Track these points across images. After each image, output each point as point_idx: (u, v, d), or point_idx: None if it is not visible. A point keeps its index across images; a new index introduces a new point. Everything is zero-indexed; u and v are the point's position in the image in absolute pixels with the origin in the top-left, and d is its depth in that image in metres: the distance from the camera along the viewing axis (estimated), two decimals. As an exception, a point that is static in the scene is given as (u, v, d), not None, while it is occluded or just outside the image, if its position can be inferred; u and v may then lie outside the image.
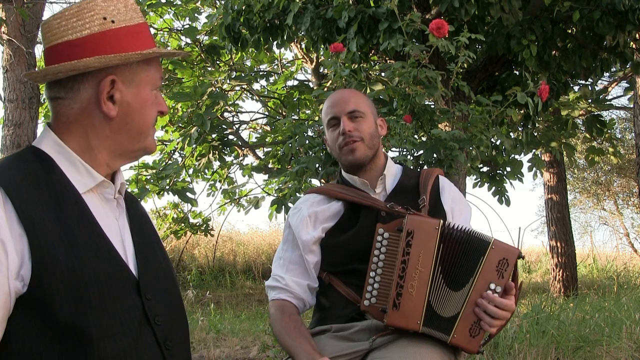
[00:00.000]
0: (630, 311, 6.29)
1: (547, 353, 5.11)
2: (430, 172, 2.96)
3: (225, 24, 7.99)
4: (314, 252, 2.82)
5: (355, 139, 2.82)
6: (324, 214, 2.86)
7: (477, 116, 5.89)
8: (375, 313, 2.59)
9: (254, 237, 18.21)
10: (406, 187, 2.88)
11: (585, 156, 12.66)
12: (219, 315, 9.55)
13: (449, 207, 2.88)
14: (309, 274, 2.83)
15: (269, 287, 2.90)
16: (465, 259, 2.54)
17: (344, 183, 2.95)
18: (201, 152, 11.44)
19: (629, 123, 18.03)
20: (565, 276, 14.06)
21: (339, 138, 2.85)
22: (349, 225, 2.79)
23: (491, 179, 7.42)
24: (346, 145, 2.83)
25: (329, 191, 2.92)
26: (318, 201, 2.92)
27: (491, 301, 2.48)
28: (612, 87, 15.42)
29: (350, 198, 2.83)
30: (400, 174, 2.94)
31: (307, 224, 2.86)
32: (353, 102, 2.87)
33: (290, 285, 2.82)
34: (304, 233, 2.84)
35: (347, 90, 3.07)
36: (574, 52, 7.44)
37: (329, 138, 2.94)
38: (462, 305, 2.52)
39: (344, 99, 2.89)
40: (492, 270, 2.50)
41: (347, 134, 2.82)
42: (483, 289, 2.51)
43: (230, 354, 6.56)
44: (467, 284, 2.52)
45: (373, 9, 6.92)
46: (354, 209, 2.82)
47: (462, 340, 2.54)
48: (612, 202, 22.04)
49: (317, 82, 13.19)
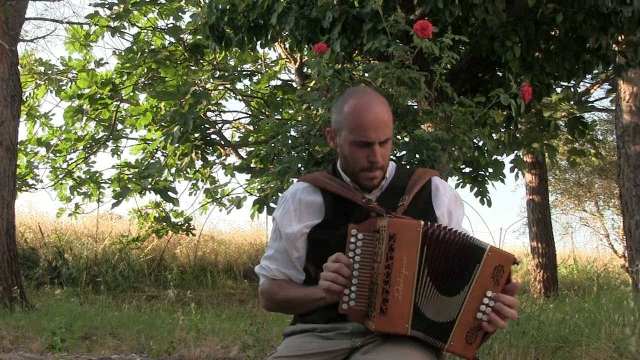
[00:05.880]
0: (609, 312, 6.30)
1: (527, 353, 5.12)
2: (422, 174, 2.92)
3: (209, 23, 7.98)
4: (297, 248, 2.81)
5: (380, 167, 2.78)
6: (308, 208, 2.85)
7: (459, 117, 5.90)
8: (355, 316, 2.58)
9: (235, 237, 18.19)
10: (396, 188, 2.85)
11: (567, 157, 12.74)
12: (200, 315, 9.53)
13: (445, 209, 2.86)
14: (294, 266, 2.84)
15: (258, 274, 2.96)
16: (458, 264, 2.51)
17: (335, 176, 2.91)
18: (184, 152, 11.44)
19: (611, 125, 18.11)
20: (546, 277, 14.14)
21: (365, 161, 2.74)
22: (337, 223, 2.77)
23: (473, 179, 7.45)
24: (370, 172, 2.78)
25: (315, 179, 2.90)
26: (303, 189, 2.90)
27: (498, 299, 2.48)
28: (594, 89, 15.51)
29: (333, 189, 2.81)
30: (393, 174, 2.92)
31: (292, 218, 2.84)
32: (388, 127, 2.73)
33: (277, 275, 2.86)
34: (287, 227, 2.84)
35: (381, 108, 2.77)
36: (557, 54, 7.46)
37: (349, 151, 2.77)
38: (459, 312, 2.49)
39: (382, 123, 2.72)
40: (488, 277, 2.48)
41: (377, 164, 2.74)
42: (480, 296, 2.48)
43: (210, 354, 6.55)
44: (462, 290, 2.49)
45: (357, 10, 6.92)
46: (341, 206, 2.80)
47: (459, 348, 2.52)
48: (593, 204, 22.13)
49: (300, 82, 13.20)
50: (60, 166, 14.23)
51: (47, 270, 13.63)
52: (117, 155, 14.48)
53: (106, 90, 12.97)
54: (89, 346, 6.98)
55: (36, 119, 14.29)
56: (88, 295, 12.56)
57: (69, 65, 14.21)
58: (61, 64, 14.38)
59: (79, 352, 6.68)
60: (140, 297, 12.76)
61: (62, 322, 7.17)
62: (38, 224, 15.85)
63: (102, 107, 13.42)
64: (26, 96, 13.71)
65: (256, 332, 6.88)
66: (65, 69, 14.33)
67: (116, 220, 18.24)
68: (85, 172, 14.43)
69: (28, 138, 14.21)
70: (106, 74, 13.73)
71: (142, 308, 10.95)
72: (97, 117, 13.96)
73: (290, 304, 2.82)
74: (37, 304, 10.18)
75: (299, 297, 2.77)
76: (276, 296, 2.86)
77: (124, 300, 11.82)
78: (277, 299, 2.87)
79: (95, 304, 11.03)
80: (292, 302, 2.81)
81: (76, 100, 13.32)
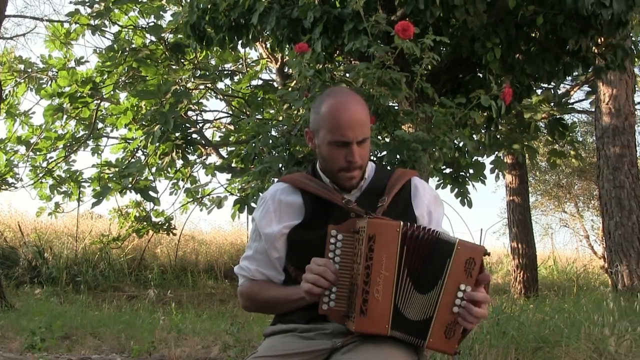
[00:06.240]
0: (589, 312, 6.35)
1: (507, 354, 5.14)
2: (402, 174, 2.92)
3: (190, 22, 7.96)
4: (277, 248, 2.80)
5: (358, 166, 2.77)
6: (288, 209, 2.84)
7: (440, 118, 5.92)
8: (335, 317, 2.58)
9: (216, 237, 18.16)
10: (376, 188, 2.84)
11: (547, 159, 12.82)
12: (181, 315, 9.52)
13: (425, 209, 2.86)
14: (274, 266, 2.84)
15: (237, 274, 2.95)
16: (432, 261, 2.52)
17: (315, 176, 2.90)
18: (164, 151, 11.42)
19: (590, 127, 18.20)
20: (526, 277, 14.19)
21: (343, 161, 2.73)
22: (317, 223, 2.76)
23: (454, 180, 7.46)
24: (348, 172, 2.78)
25: (295, 180, 2.89)
26: (283, 190, 2.89)
27: (469, 298, 2.49)
28: (574, 91, 15.61)
29: (313, 190, 2.80)
30: (372, 174, 2.91)
31: (271, 218, 2.84)
32: (365, 126, 2.73)
33: (257, 276, 2.86)
34: (266, 227, 2.83)
35: (358, 107, 2.77)
36: (537, 55, 7.49)
37: (327, 151, 2.77)
38: (435, 308, 2.51)
39: (359, 122, 2.72)
40: (460, 271, 2.50)
41: (355, 163, 2.74)
42: (454, 290, 2.50)
43: (191, 354, 6.54)
44: (435, 286, 2.50)
45: (338, 10, 6.92)
46: (321, 206, 2.80)
47: (439, 344, 2.53)
48: (573, 205, 22.22)
49: (281, 82, 13.19)
50: (40, 165, 14.17)
51: (27, 269, 13.56)
52: (97, 154, 14.41)
53: (86, 88, 12.91)
54: (69, 346, 6.94)
55: (16, 117, 14.20)
56: (68, 294, 12.49)
57: (49, 64, 14.14)
58: (41, 62, 14.31)
59: (58, 352, 6.64)
60: (120, 297, 12.71)
61: (42, 321, 7.14)
62: (18, 223, 15.74)
63: (82, 105, 13.35)
64: (6, 94, 13.61)
65: (237, 332, 6.87)
66: (45, 67, 14.25)
67: (96, 219, 18.15)
68: (66, 171, 14.36)
69: (8, 136, 14.14)
70: (87, 72, 13.66)
71: (122, 308, 10.92)
72: (77, 115, 13.89)
73: (270, 304, 2.82)
74: (16, 303, 10.11)
75: (279, 298, 2.77)
76: (256, 297, 2.85)
77: (104, 300, 11.77)
78: (257, 300, 2.86)
79: (76, 303, 10.98)
80: (271, 303, 2.80)
81: (56, 98, 13.25)
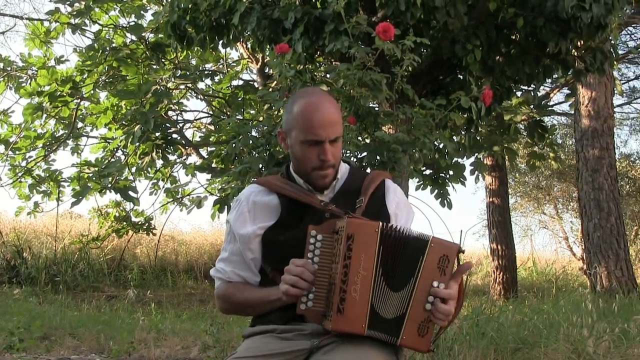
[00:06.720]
0: (567, 313, 6.38)
1: (487, 355, 5.16)
2: (376, 176, 2.94)
3: (171, 21, 7.94)
4: (252, 249, 2.81)
5: (331, 165, 2.78)
6: (262, 210, 2.84)
7: (420, 119, 5.93)
8: (314, 317, 2.59)
9: (196, 237, 18.14)
10: (351, 189, 2.86)
11: (527, 161, 12.83)
12: (160, 315, 9.49)
13: (392, 211, 2.88)
14: (249, 268, 2.84)
15: (213, 277, 2.95)
16: (405, 259, 2.54)
17: (289, 178, 2.91)
18: (144, 151, 11.38)
19: (570, 129, 18.31)
20: (506, 279, 14.24)
21: (316, 160, 2.75)
22: (292, 223, 2.77)
23: (434, 181, 7.48)
24: (321, 170, 2.79)
25: (270, 184, 2.89)
26: (258, 192, 2.90)
27: (434, 295, 2.50)
28: (554, 94, 15.71)
29: (289, 193, 2.81)
30: (346, 175, 2.92)
31: (246, 219, 2.84)
32: (338, 125, 2.75)
33: (233, 277, 2.86)
34: (241, 228, 2.83)
35: (330, 106, 2.79)
36: (517, 58, 7.53)
37: (300, 150, 2.78)
38: (408, 306, 2.51)
39: (331, 121, 2.74)
40: (433, 268, 2.51)
41: (328, 162, 2.76)
42: (427, 288, 2.50)
43: (171, 354, 6.53)
44: (408, 284, 2.52)
45: (319, 11, 6.92)
46: (296, 207, 2.80)
47: (412, 341, 2.54)
48: (552, 207, 22.33)
49: (262, 82, 13.19)
50: (19, 164, 14.07)
51: (6, 269, 13.48)
52: (77, 154, 14.36)
53: (66, 87, 12.84)
54: (47, 346, 6.91)
55: (-5, 116, 14.16)
56: (47, 294, 12.41)
57: (29, 62, 14.06)
58: (21, 60, 14.22)
59: (37, 353, 6.60)
60: (100, 297, 12.65)
61: (20, 322, 7.09)
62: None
63: (62, 104, 13.28)
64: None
65: (216, 333, 6.87)
66: (24, 66, 14.17)
67: (76, 219, 18.06)
68: (45, 171, 14.26)
69: (-14, 135, 14.07)
70: (66, 71, 13.58)
71: (101, 308, 10.87)
72: (57, 114, 13.81)
73: (247, 305, 2.82)
74: (-6, 303, 10.06)
75: (256, 299, 2.78)
76: (233, 298, 2.86)
77: (83, 300, 11.71)
78: (234, 301, 2.86)
79: (55, 303, 10.91)
80: (249, 304, 2.81)
81: (36, 97, 13.16)
